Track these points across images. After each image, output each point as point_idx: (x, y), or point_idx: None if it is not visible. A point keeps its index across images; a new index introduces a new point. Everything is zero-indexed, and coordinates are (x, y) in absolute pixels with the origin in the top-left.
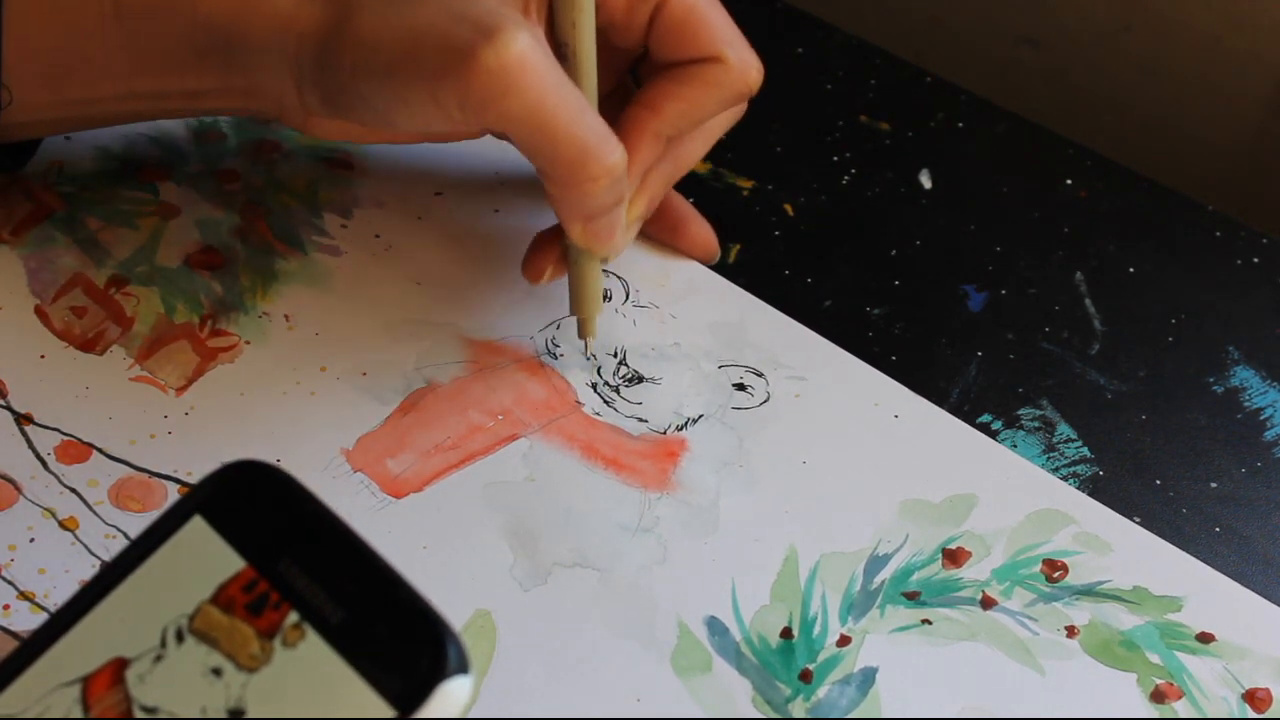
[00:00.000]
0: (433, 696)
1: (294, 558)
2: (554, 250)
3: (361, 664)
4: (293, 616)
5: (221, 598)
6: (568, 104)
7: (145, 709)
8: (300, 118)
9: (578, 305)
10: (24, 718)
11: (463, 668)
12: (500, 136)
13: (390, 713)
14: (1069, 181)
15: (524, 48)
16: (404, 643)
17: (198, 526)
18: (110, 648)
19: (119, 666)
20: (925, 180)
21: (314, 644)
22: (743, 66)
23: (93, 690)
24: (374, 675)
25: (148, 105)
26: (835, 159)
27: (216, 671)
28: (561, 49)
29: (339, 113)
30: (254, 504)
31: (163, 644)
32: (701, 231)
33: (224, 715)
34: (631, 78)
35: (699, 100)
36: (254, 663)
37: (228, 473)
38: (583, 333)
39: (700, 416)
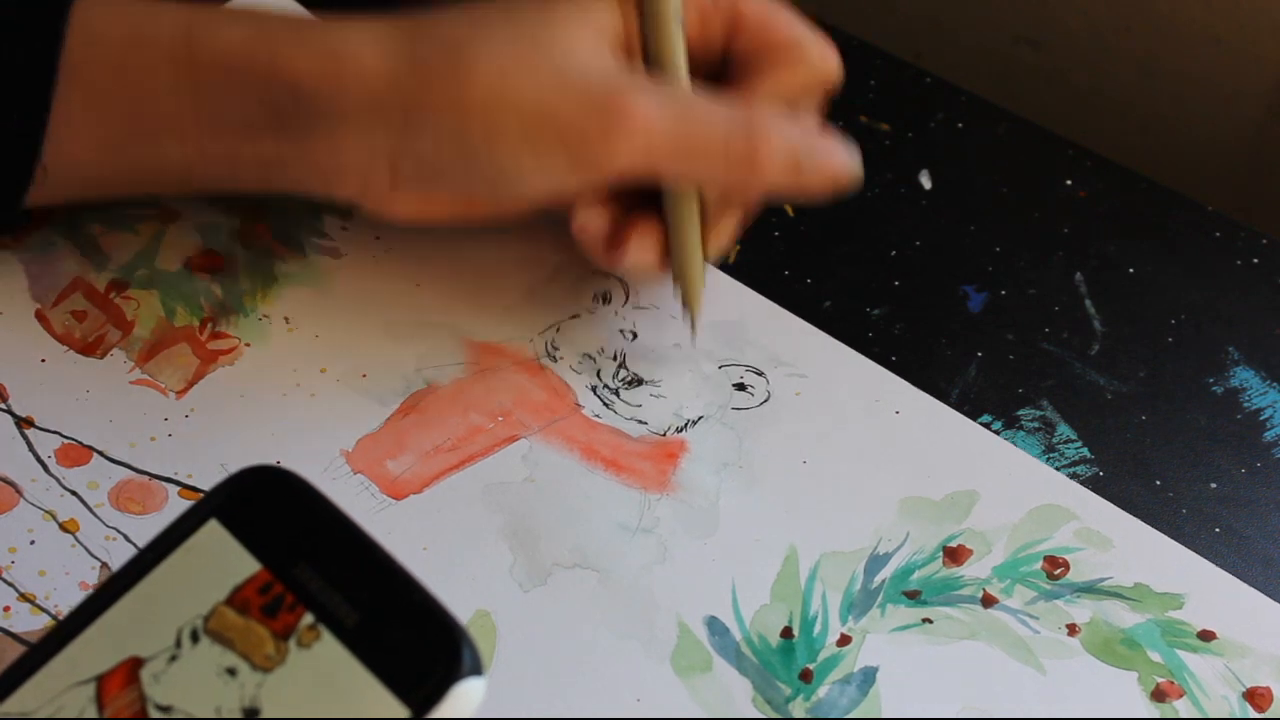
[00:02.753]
0: (447, 697)
1: (309, 561)
2: (645, 227)
3: (376, 665)
4: (308, 618)
5: (237, 599)
6: (701, 124)
7: (160, 708)
8: (383, 194)
9: (685, 276)
10: (38, 716)
11: (476, 669)
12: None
13: (405, 713)
14: (1069, 181)
15: (653, 96)
16: (419, 644)
17: (213, 530)
18: (125, 647)
19: (134, 666)
20: (925, 180)
21: (329, 645)
22: (823, 56)
23: (107, 689)
24: (389, 676)
25: (217, 172)
26: None
27: (231, 671)
28: (661, 71)
29: (443, 184)
30: (270, 509)
31: (178, 644)
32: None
33: (239, 714)
34: None
35: (784, 89)
36: (269, 663)
37: (243, 478)
38: (688, 303)
39: (700, 418)
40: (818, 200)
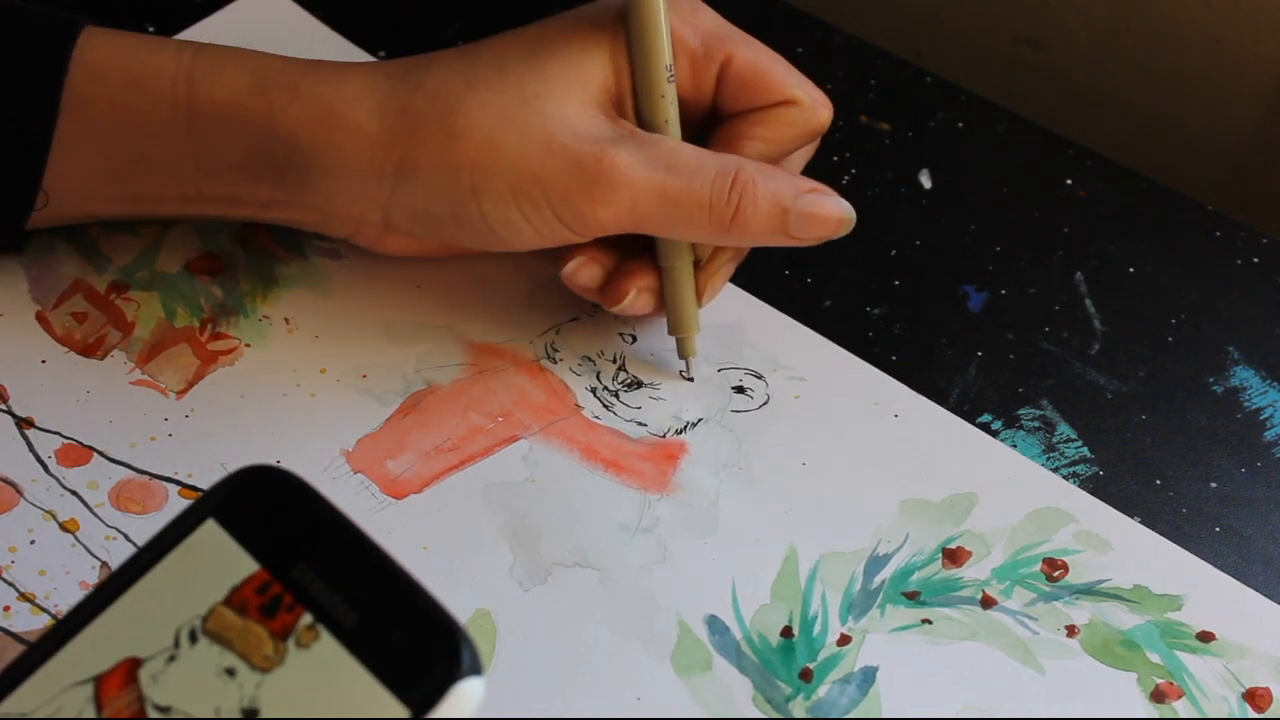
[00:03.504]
0: (446, 697)
1: (308, 561)
2: (640, 276)
3: (375, 665)
4: (306, 618)
5: (235, 599)
6: (684, 185)
7: (158, 708)
8: (376, 236)
9: (678, 324)
10: (37, 716)
11: (475, 669)
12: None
13: (404, 713)
14: (1069, 181)
15: (637, 156)
16: (418, 644)
17: (211, 530)
18: (123, 648)
19: (132, 666)
20: (925, 180)
21: (328, 645)
22: (814, 105)
23: (105, 689)
24: (388, 676)
25: (216, 209)
26: (835, 159)
27: (230, 672)
28: (652, 127)
29: (433, 233)
30: (268, 509)
31: (176, 644)
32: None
33: (238, 715)
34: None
35: (775, 139)
36: (267, 663)
37: (241, 478)
38: (684, 352)
39: (699, 420)
40: (811, 245)
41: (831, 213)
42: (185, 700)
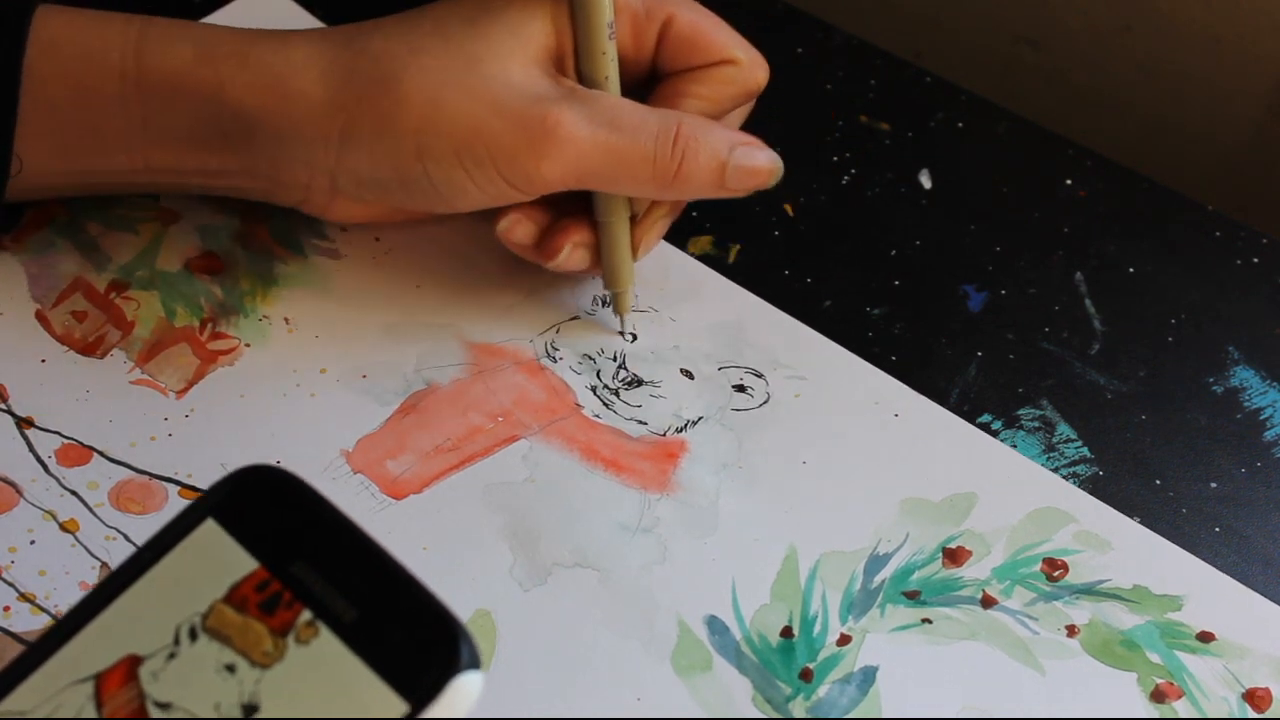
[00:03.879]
0: (445, 691)
1: (307, 559)
2: (576, 231)
3: (375, 660)
4: (306, 615)
5: (234, 597)
6: (628, 139)
7: (159, 705)
8: (325, 202)
9: (614, 279)
10: (37, 715)
11: (474, 663)
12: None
13: (403, 707)
14: (1069, 181)
15: (581, 113)
16: (417, 639)
17: (210, 529)
18: (123, 646)
19: (132, 664)
20: (925, 180)
21: (327, 641)
22: (752, 65)
23: (106, 687)
24: (387, 671)
25: (164, 179)
26: (835, 159)
27: (230, 668)
28: (593, 85)
29: (380, 196)
30: (267, 507)
31: (176, 642)
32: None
33: (238, 711)
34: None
35: (713, 97)
36: (267, 660)
37: (241, 477)
38: (619, 308)
39: (700, 419)
40: (741, 196)
41: (763, 164)
42: (185, 697)
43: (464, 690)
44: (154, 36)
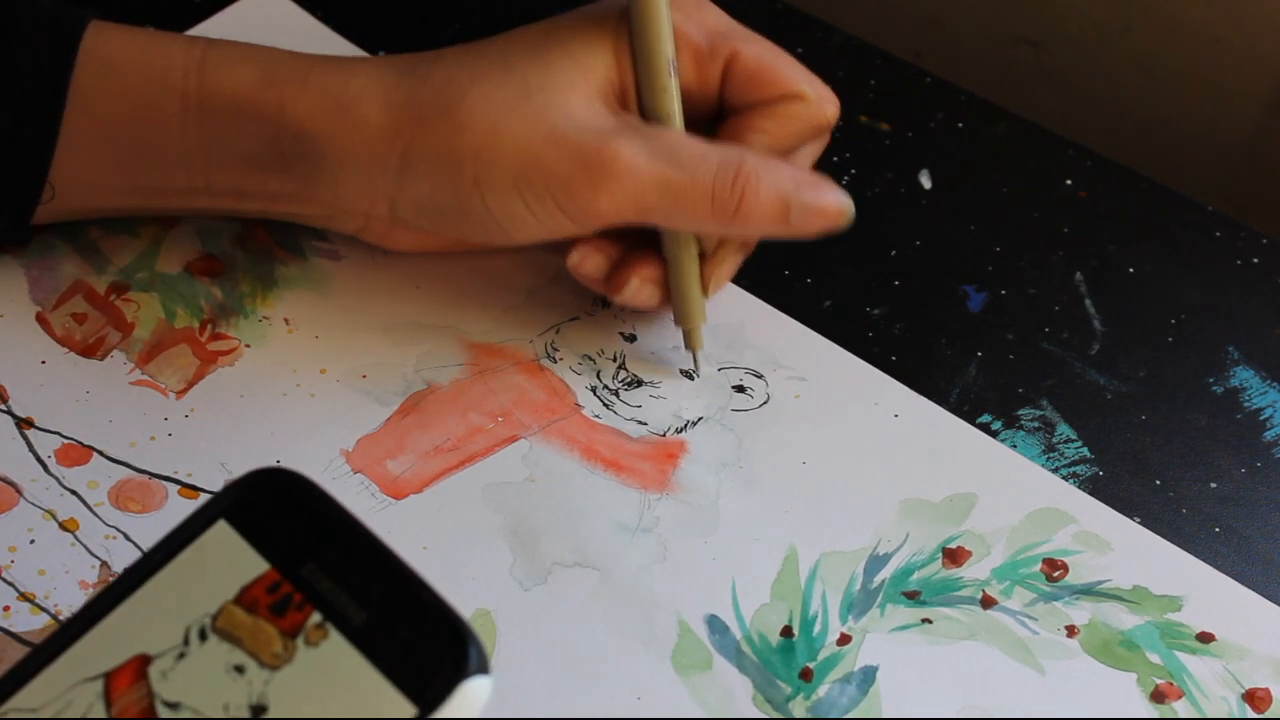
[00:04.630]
0: (454, 695)
1: (317, 561)
2: (644, 266)
3: (384, 663)
4: (316, 617)
5: (245, 598)
6: (687, 175)
7: (168, 705)
8: (384, 231)
9: (683, 315)
10: (46, 713)
11: (483, 668)
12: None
13: (412, 711)
14: (1069, 181)
15: (640, 147)
16: (426, 643)
17: (222, 530)
18: (133, 645)
19: (142, 663)
20: (925, 180)
21: (337, 643)
22: (820, 100)
23: (115, 686)
24: (396, 674)
25: (223, 202)
26: (835, 159)
27: (239, 669)
28: (656, 119)
29: (440, 226)
30: (278, 510)
31: (186, 642)
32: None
33: (246, 712)
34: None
35: (780, 133)
36: (277, 661)
37: (252, 479)
38: (690, 344)
39: (700, 419)
40: (811, 238)
41: (832, 205)
42: (194, 697)
43: (472, 695)
44: (216, 57)
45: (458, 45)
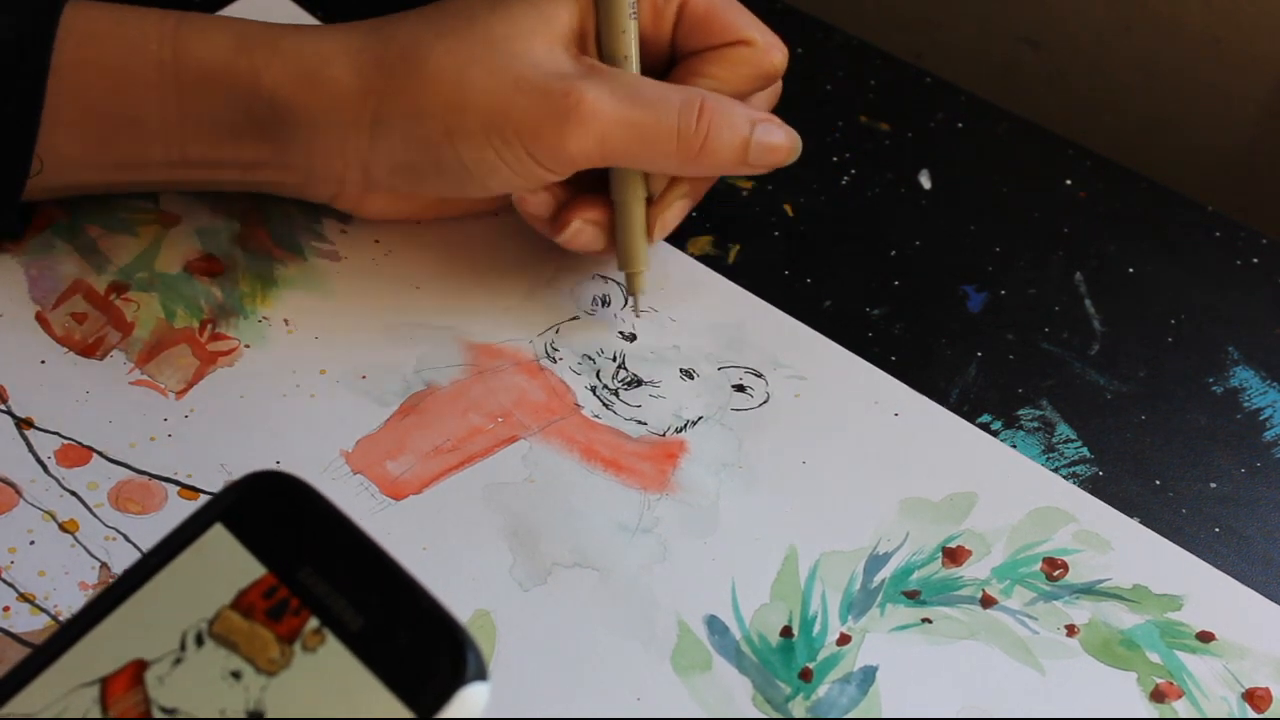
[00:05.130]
0: (452, 701)
1: (314, 566)
2: (588, 208)
3: (381, 669)
4: (313, 622)
5: (242, 603)
6: (652, 114)
7: (164, 710)
8: (358, 195)
9: (627, 260)
10: (43, 717)
11: (481, 674)
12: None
13: (409, 716)
14: (1069, 181)
15: (604, 89)
16: (424, 649)
17: (219, 534)
18: (130, 650)
19: (138, 668)
20: (925, 180)
21: (334, 649)
22: (768, 47)
23: (112, 691)
24: (394, 680)
25: (199, 173)
26: (835, 159)
27: (236, 674)
28: (615, 63)
29: (414, 184)
30: (275, 513)
31: (182, 647)
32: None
33: (243, 717)
34: None
35: (728, 78)
36: (273, 666)
37: (250, 482)
38: (632, 288)
39: (700, 419)
40: (761, 173)
41: (784, 141)
42: (191, 702)
43: (470, 701)
44: (191, 28)
45: (423, 5)
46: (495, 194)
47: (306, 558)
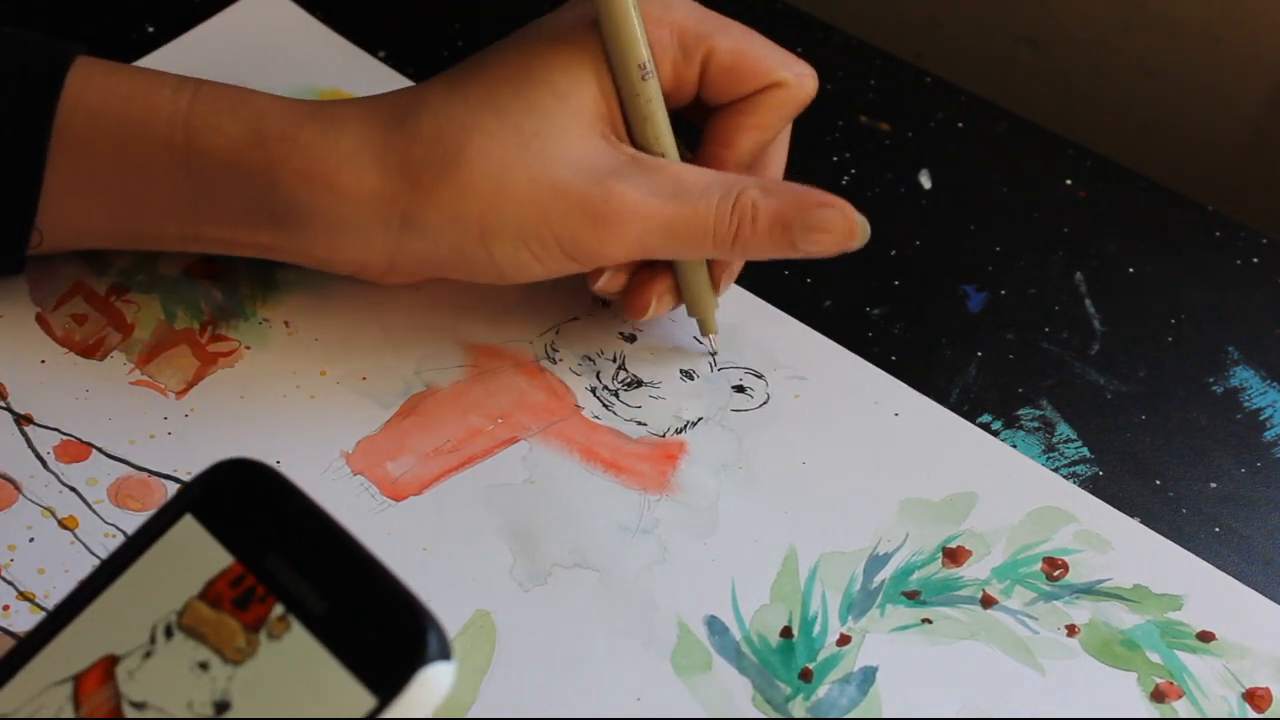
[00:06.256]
0: (412, 683)
1: (280, 552)
2: (659, 282)
3: (344, 653)
4: (278, 609)
5: (210, 593)
6: (689, 212)
7: (134, 705)
8: (381, 275)
9: (695, 308)
10: (18, 717)
11: (444, 654)
12: None
13: (371, 700)
14: (1069, 181)
15: (643, 188)
16: (385, 631)
17: (188, 525)
18: (101, 646)
19: (110, 664)
20: (925, 180)
21: (298, 635)
22: (800, 81)
23: (84, 688)
24: (355, 664)
25: (217, 248)
26: (835, 159)
27: (204, 665)
28: (643, 147)
29: (441, 273)
30: (242, 501)
31: (152, 640)
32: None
33: (210, 709)
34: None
35: (767, 124)
36: (240, 655)
37: (217, 471)
38: (705, 331)
39: (699, 419)
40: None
41: (838, 226)
42: (160, 695)
43: (432, 682)
44: (202, 108)
45: (437, 82)
46: (524, 282)
47: (273, 544)
